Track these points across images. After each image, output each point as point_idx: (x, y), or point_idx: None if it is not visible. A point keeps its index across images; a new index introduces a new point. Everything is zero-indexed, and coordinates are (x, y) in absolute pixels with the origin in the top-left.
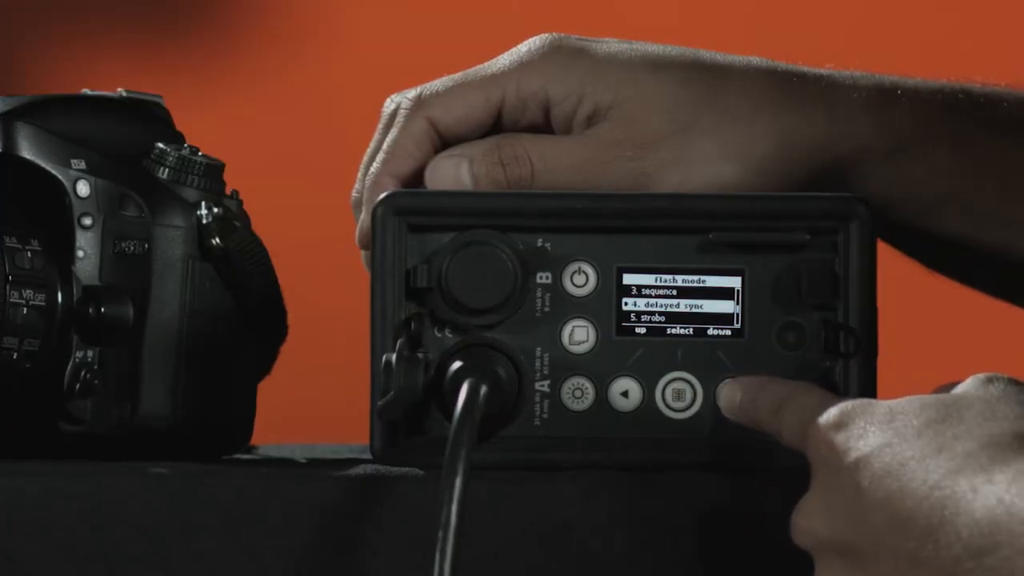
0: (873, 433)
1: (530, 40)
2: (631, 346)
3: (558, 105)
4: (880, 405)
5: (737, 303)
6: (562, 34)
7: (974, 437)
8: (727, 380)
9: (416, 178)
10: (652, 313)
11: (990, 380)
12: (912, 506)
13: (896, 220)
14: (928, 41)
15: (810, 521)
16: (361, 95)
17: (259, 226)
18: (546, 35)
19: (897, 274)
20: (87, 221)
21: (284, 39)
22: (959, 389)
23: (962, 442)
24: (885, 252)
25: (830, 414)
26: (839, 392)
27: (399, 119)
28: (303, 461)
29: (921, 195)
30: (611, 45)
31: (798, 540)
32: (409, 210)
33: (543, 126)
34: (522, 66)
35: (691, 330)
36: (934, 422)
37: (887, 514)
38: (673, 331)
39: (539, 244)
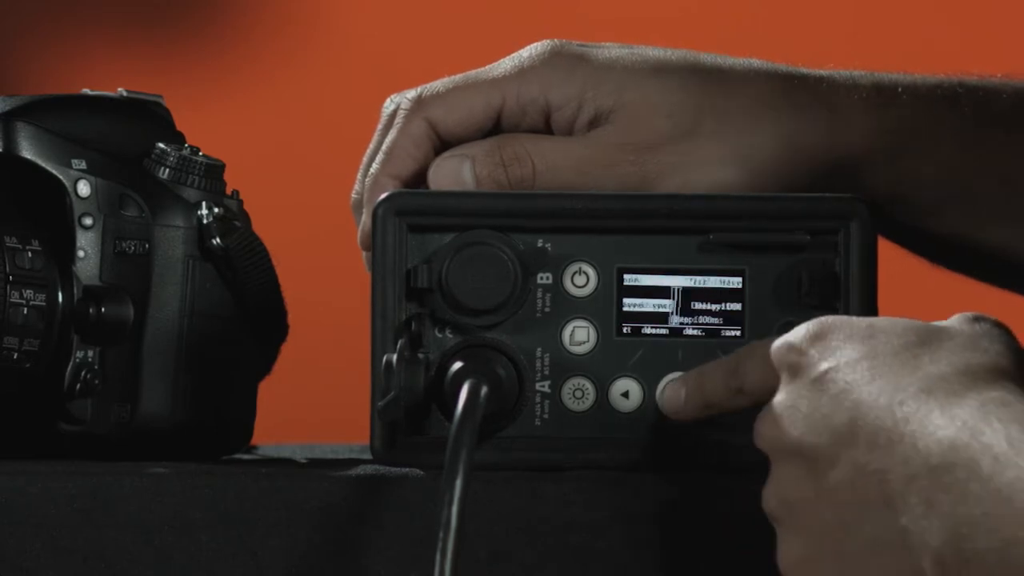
0: (850, 346)
1: (531, 46)
2: (631, 347)
3: (559, 111)
4: (860, 321)
5: (737, 303)
6: (562, 40)
7: (950, 363)
8: (667, 385)
9: (416, 179)
10: (652, 313)
11: (976, 319)
12: (876, 418)
13: (899, 219)
14: (924, 37)
15: (773, 426)
16: (361, 95)
17: (259, 226)
18: (547, 41)
19: (897, 274)
20: (88, 221)
21: (284, 39)
22: (944, 321)
23: (937, 366)
24: (885, 252)
25: (807, 327)
26: None
27: (399, 120)
28: (303, 461)
29: (924, 193)
30: (611, 50)
31: (759, 444)
32: (409, 210)
33: (543, 131)
34: (522, 72)
35: (691, 331)
36: (913, 344)
37: (850, 423)
38: (673, 331)
39: (539, 244)
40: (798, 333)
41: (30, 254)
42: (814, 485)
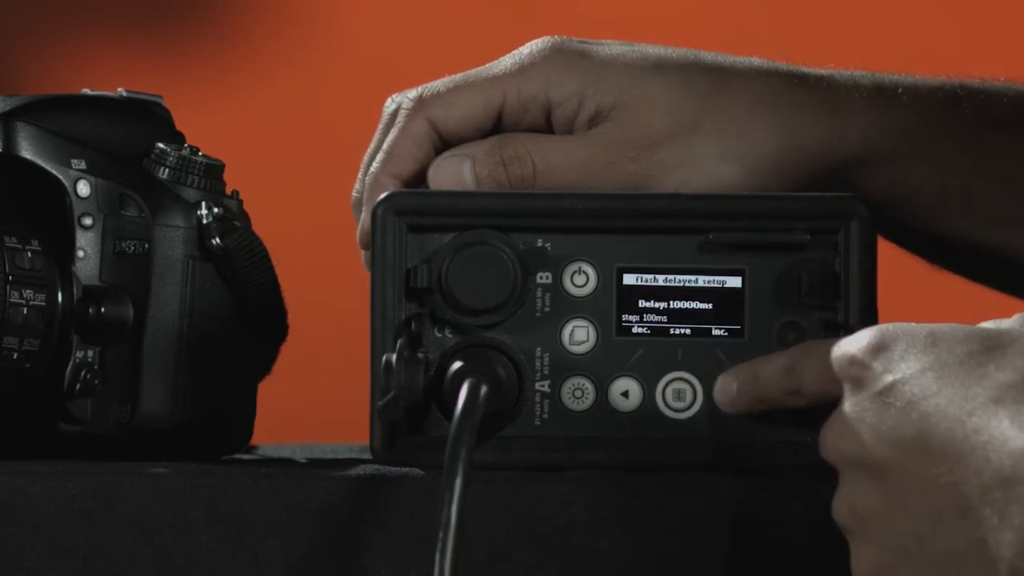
0: (915, 356)
1: (531, 43)
2: (631, 346)
3: (559, 107)
4: (922, 328)
5: (737, 303)
6: (563, 37)
7: (1017, 370)
8: (719, 376)
9: (416, 179)
10: (652, 313)
11: None
12: (945, 430)
13: (899, 219)
14: (925, 38)
15: (840, 438)
16: (361, 95)
17: (259, 226)
18: (547, 38)
19: (897, 274)
20: (87, 221)
21: (284, 39)
22: (1005, 324)
23: (1004, 373)
24: (886, 252)
25: (868, 337)
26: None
27: (400, 119)
28: (303, 461)
29: (923, 194)
30: (612, 47)
31: (825, 455)
32: (409, 210)
33: (544, 128)
34: (523, 69)
35: (691, 330)
36: (977, 352)
37: (919, 436)
38: (673, 331)
39: (539, 244)
40: (859, 343)
41: (30, 254)
42: (884, 496)
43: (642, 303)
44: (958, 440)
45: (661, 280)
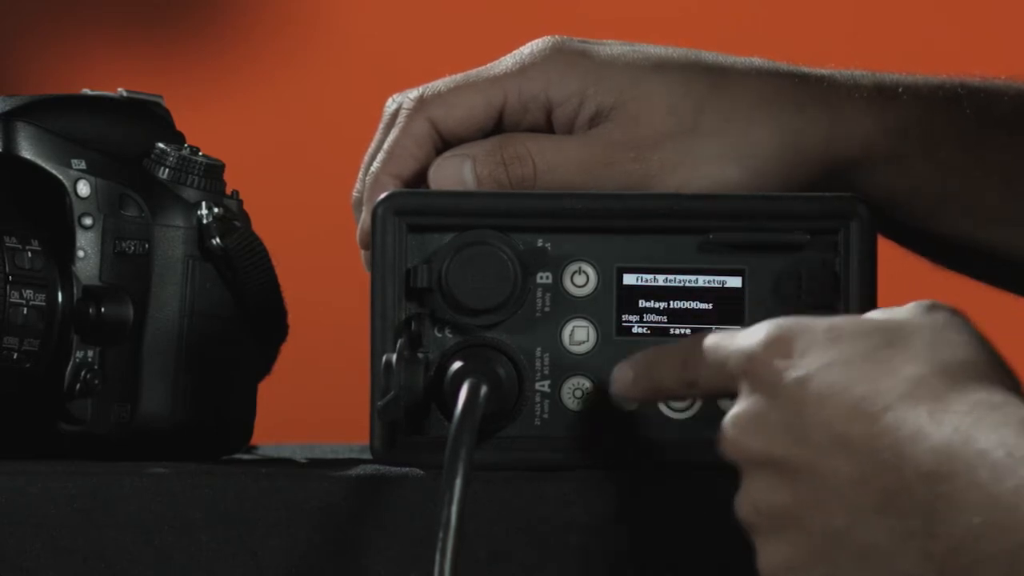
0: (817, 352)
1: (532, 42)
2: (631, 346)
3: (560, 107)
4: (820, 323)
5: (737, 303)
6: (564, 36)
7: (925, 363)
8: (616, 365)
9: (417, 179)
10: (652, 313)
11: (932, 307)
12: (861, 428)
13: (899, 219)
14: (925, 37)
15: (742, 435)
16: (361, 95)
17: (259, 226)
18: (548, 37)
19: (897, 274)
20: (87, 221)
21: (284, 39)
22: (902, 315)
23: (912, 367)
24: (885, 251)
25: (766, 332)
26: None
27: (400, 119)
28: (303, 461)
29: (924, 194)
30: (613, 47)
31: (725, 451)
32: (409, 210)
33: (545, 128)
34: (524, 68)
35: (691, 330)
36: (882, 346)
37: (831, 434)
38: (673, 331)
39: (539, 244)
40: (755, 338)
41: (30, 254)
42: (795, 494)
43: (642, 303)
44: (874, 436)
45: (661, 280)
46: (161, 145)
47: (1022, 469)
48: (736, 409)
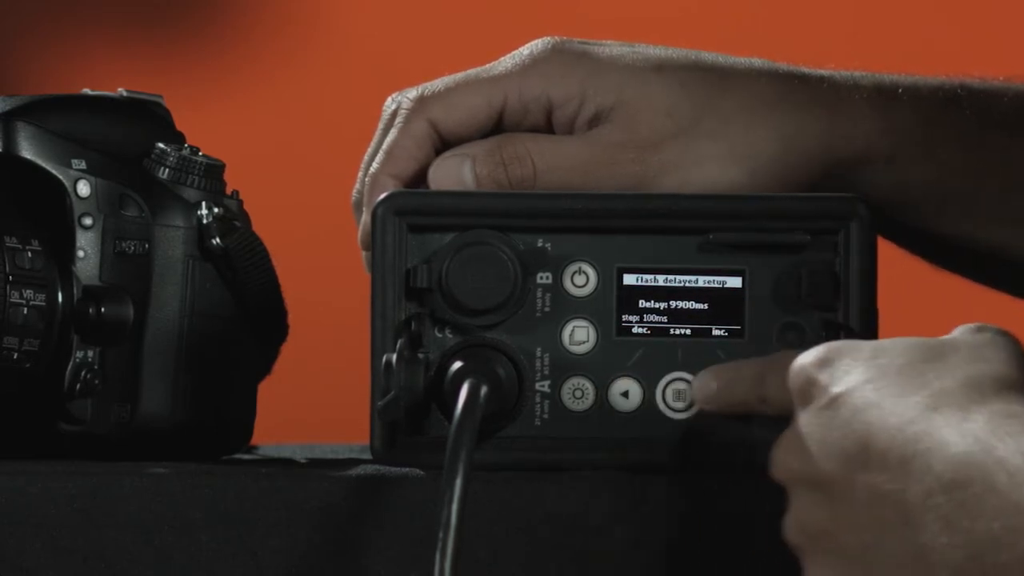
0: (856, 370)
1: (532, 43)
2: (631, 346)
3: (560, 108)
4: (866, 344)
5: (737, 303)
6: (564, 37)
7: (954, 377)
8: (700, 373)
9: (417, 179)
10: (652, 313)
11: (980, 329)
12: (886, 440)
13: (899, 220)
14: (925, 38)
15: (787, 455)
16: (361, 95)
17: (259, 226)
18: (548, 38)
19: (898, 274)
20: (87, 221)
21: (284, 39)
22: (948, 335)
23: (942, 380)
24: (886, 252)
25: (815, 353)
26: None
27: (399, 119)
28: (303, 461)
29: (924, 195)
30: (613, 48)
31: (774, 474)
32: (409, 210)
33: (545, 129)
34: (524, 69)
35: (691, 330)
36: (918, 361)
37: (861, 448)
38: (673, 331)
39: (539, 244)
40: (808, 357)
41: (30, 254)
42: (831, 510)
43: (642, 303)
44: (898, 447)
45: (661, 280)
46: (161, 145)
47: None
48: (786, 431)
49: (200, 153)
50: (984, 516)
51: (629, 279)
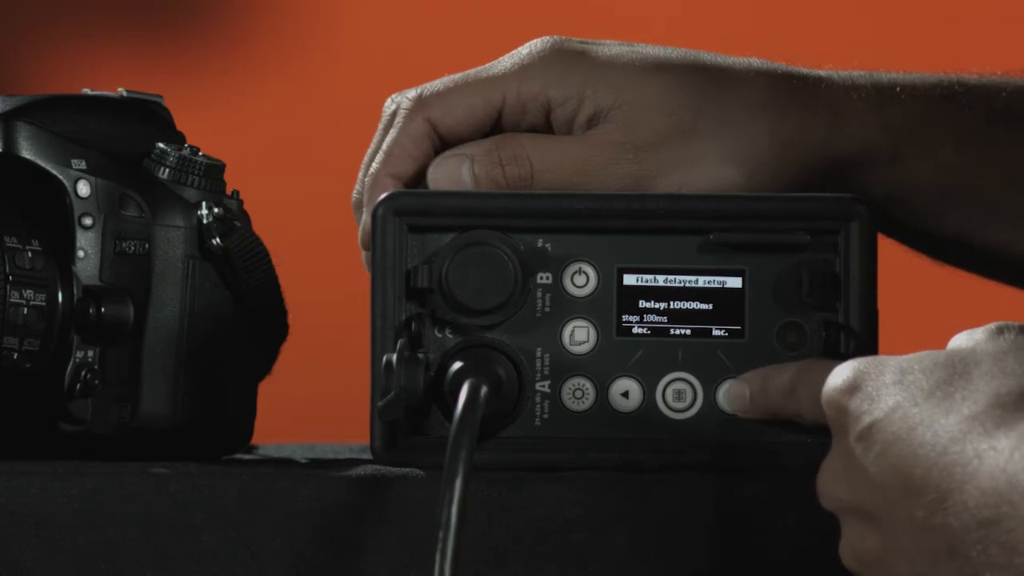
0: (885, 395)
1: (531, 42)
2: (631, 346)
3: (559, 108)
4: (890, 363)
5: (737, 304)
6: (563, 36)
7: (980, 397)
8: (729, 381)
9: (416, 179)
10: (652, 313)
11: (1001, 331)
12: (922, 473)
13: (899, 218)
14: (923, 37)
15: (832, 486)
16: (361, 95)
17: (259, 226)
18: (547, 37)
19: (898, 274)
20: (87, 221)
21: (284, 39)
22: (970, 342)
23: (968, 403)
24: (886, 252)
25: (842, 377)
26: None
27: (399, 119)
28: (303, 461)
29: (924, 193)
30: (612, 47)
31: (823, 503)
32: (409, 210)
33: (543, 128)
34: (523, 68)
35: (691, 330)
36: (943, 382)
37: (899, 480)
38: (673, 331)
39: (539, 244)
40: (836, 381)
41: (30, 254)
42: (881, 540)
43: (642, 303)
44: (934, 481)
45: (661, 280)
46: (161, 145)
47: None
48: (827, 459)
49: (200, 153)
50: (1018, 551)
51: (629, 279)
